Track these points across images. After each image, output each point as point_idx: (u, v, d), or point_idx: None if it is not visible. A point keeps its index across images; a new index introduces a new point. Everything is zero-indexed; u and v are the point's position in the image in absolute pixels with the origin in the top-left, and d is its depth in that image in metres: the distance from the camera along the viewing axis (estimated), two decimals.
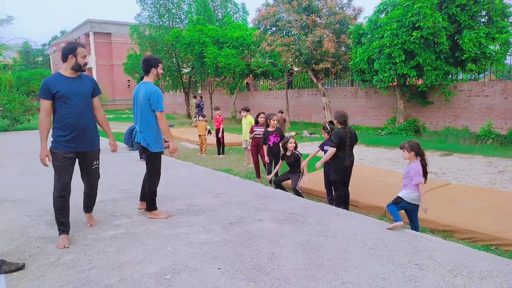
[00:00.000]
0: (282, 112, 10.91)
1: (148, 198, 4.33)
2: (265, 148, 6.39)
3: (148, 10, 23.93)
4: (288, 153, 5.80)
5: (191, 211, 4.58)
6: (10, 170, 7.37)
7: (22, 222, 4.25)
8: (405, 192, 4.03)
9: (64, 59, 3.60)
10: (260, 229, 3.93)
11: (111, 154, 9.28)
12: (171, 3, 24.02)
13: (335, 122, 5.05)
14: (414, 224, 4.24)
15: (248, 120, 8.28)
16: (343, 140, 4.82)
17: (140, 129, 4.24)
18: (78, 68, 3.62)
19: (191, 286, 2.76)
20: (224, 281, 2.83)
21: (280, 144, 6.11)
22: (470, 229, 4.22)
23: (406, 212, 4.19)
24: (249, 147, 8.29)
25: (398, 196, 4.05)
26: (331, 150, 4.87)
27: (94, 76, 39.07)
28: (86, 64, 3.76)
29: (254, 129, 7.11)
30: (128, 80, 36.65)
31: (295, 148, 5.83)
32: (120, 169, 7.37)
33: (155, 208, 4.36)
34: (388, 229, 3.85)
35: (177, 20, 24.85)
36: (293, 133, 13.84)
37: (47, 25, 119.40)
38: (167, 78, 25.39)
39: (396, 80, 12.69)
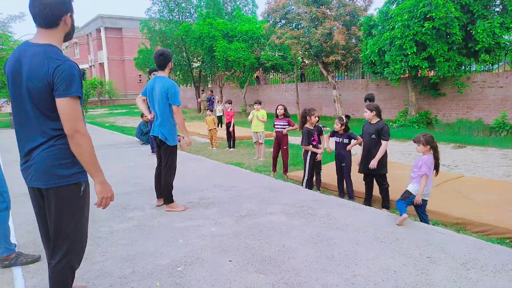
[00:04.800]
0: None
1: (165, 191, 4.38)
2: (310, 148, 5.55)
3: (158, 4, 23.95)
4: (311, 127, 5.68)
5: (202, 204, 4.62)
6: None
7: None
8: (413, 186, 4.00)
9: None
10: (270, 222, 3.95)
11: (123, 148, 9.39)
12: None
13: (372, 114, 4.89)
14: (422, 217, 4.21)
15: (260, 113, 8.28)
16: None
17: (158, 123, 4.27)
18: None
19: (203, 278, 2.79)
20: (235, 273, 2.86)
21: (300, 115, 5.73)
22: (484, 222, 4.17)
23: (414, 206, 4.16)
24: (260, 140, 8.30)
25: (407, 191, 4.02)
26: (386, 145, 4.80)
27: (106, 71, 39.47)
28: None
29: (275, 123, 7.08)
30: (140, 75, 36.92)
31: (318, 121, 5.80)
32: (132, 163, 7.46)
33: (172, 201, 4.42)
34: (397, 224, 3.82)
35: (187, 14, 24.84)
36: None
37: None
38: (178, 73, 25.47)
39: (407, 72, 12.51)
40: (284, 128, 6.91)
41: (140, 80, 38.45)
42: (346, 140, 5.53)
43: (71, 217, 2.05)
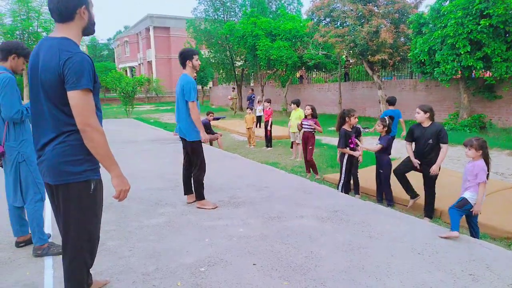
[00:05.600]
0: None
1: (196, 187, 4.39)
2: (347, 150, 5.34)
3: (204, 4, 24.37)
4: (349, 128, 5.45)
5: (232, 203, 4.56)
6: None
7: None
8: (471, 194, 3.66)
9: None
10: (300, 226, 3.80)
11: (163, 144, 9.59)
12: None
13: (427, 116, 4.59)
14: (474, 229, 3.87)
15: (298, 114, 8.11)
16: None
17: (177, 119, 4.35)
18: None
19: (224, 281, 2.72)
20: (258, 277, 2.76)
21: (339, 116, 5.49)
22: None
23: (466, 216, 3.82)
24: (297, 141, 8.14)
25: (464, 198, 3.67)
26: (447, 148, 4.53)
27: (154, 70, 40.85)
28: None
29: (303, 122, 6.93)
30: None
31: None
32: (170, 158, 7.59)
33: (203, 198, 4.42)
34: (440, 237, 3.52)
35: (232, 13, 25.05)
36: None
37: (112, 21, 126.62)
38: (221, 71, 25.78)
39: (460, 72, 11.74)
40: (311, 128, 6.74)
41: None
42: (379, 142, 5.27)
43: (81, 215, 2.03)
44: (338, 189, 5.39)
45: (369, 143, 6.96)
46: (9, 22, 16.88)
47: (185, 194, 4.58)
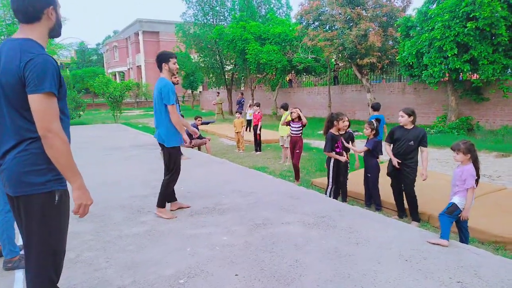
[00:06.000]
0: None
1: (161, 193, 4.23)
2: (333, 155, 5.21)
3: (193, 8, 24.30)
4: (342, 132, 5.40)
5: (217, 210, 4.44)
6: None
7: None
8: (460, 199, 3.58)
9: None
10: (286, 232, 3.70)
11: (150, 149, 9.41)
12: (215, 0, 24.19)
13: (410, 120, 4.59)
14: (464, 234, 3.80)
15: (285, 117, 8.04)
16: None
17: (156, 124, 4.21)
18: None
19: None
20: None
21: (327, 119, 5.37)
22: None
23: (456, 220, 3.75)
24: (285, 145, 8.06)
25: (454, 204, 3.59)
26: (427, 152, 4.57)
27: (143, 74, 40.54)
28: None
29: (291, 126, 6.83)
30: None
31: (348, 126, 5.49)
32: (155, 165, 7.42)
33: (164, 206, 4.26)
34: (428, 242, 3.44)
35: (221, 17, 25.01)
36: None
37: (100, 26, 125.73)
38: (211, 75, 25.69)
39: (447, 75, 11.81)
40: (299, 131, 6.68)
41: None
42: (371, 147, 5.20)
43: (44, 229, 1.88)
44: (326, 194, 5.30)
45: (358, 146, 6.88)
46: None
47: (168, 202, 4.44)
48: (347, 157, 5.48)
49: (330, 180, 5.30)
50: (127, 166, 7.40)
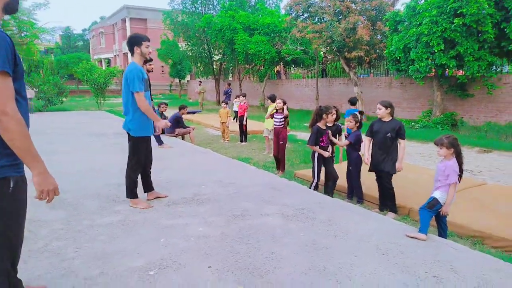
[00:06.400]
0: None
1: (126, 184, 4.06)
2: (316, 148, 5.07)
3: None
4: (330, 124, 5.28)
5: (196, 201, 4.34)
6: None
7: None
8: (441, 193, 3.55)
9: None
10: (264, 224, 3.62)
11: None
12: None
13: (388, 111, 4.61)
14: (442, 229, 3.78)
15: (272, 108, 7.95)
16: None
17: (124, 112, 4.00)
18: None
19: (174, 285, 2.50)
20: (211, 282, 2.55)
21: (315, 112, 5.17)
22: (504, 236, 3.73)
23: (436, 216, 3.73)
24: (270, 136, 7.98)
25: (434, 198, 3.55)
26: (404, 144, 4.61)
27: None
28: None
29: (274, 116, 6.74)
30: (162, 66, 37.04)
31: (337, 119, 5.40)
32: None
33: (136, 196, 4.10)
34: (407, 236, 3.41)
35: (210, 6, 24.63)
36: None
37: (87, 11, 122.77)
38: (198, 65, 25.38)
39: (433, 70, 11.85)
40: (281, 123, 6.59)
41: (163, 71, 38.58)
42: (353, 140, 5.15)
43: None
44: (310, 188, 5.20)
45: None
46: None
47: (144, 192, 4.31)
48: (333, 150, 5.42)
49: (315, 174, 5.17)
50: (107, 153, 7.21)
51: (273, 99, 8.11)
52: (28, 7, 17.50)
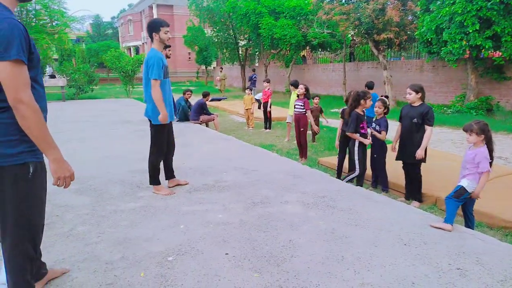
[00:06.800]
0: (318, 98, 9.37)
1: (149, 170, 4.13)
2: (356, 136, 4.72)
3: None
4: (362, 112, 4.90)
5: (217, 187, 4.36)
6: (62, 136, 7.68)
7: (51, 188, 4.24)
8: (469, 182, 3.39)
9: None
10: (283, 212, 3.60)
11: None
12: None
13: (418, 96, 4.40)
14: (469, 219, 3.63)
15: (295, 95, 7.84)
16: None
17: (144, 99, 4.05)
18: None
19: (191, 271, 2.53)
20: (227, 268, 2.57)
21: (352, 98, 4.81)
22: None
23: (462, 205, 3.58)
24: (288, 121, 7.91)
25: (462, 187, 3.39)
26: (431, 131, 4.37)
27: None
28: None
29: (295, 102, 6.63)
30: (189, 53, 37.25)
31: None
32: None
33: (158, 183, 4.17)
34: (431, 226, 3.29)
35: None
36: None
37: None
38: (224, 51, 25.30)
39: (468, 52, 11.26)
40: (302, 109, 6.45)
41: (189, 57, 38.80)
42: (378, 128, 4.97)
43: (18, 202, 1.83)
44: (346, 179, 4.83)
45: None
46: None
47: (166, 179, 4.37)
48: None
49: (358, 165, 4.74)
50: (132, 140, 7.37)
51: (296, 85, 7.99)
52: None
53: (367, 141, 4.79)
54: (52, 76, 24.99)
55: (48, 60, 21.22)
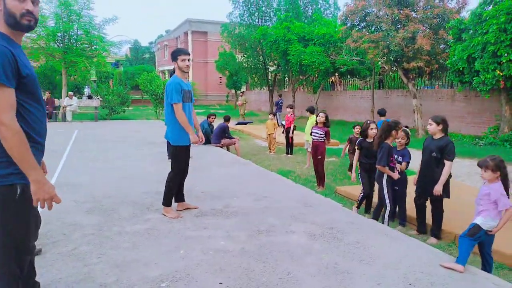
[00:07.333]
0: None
1: (164, 191, 4.21)
2: (387, 170, 4.42)
3: (239, 8, 24.45)
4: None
5: (224, 213, 4.33)
6: (89, 155, 7.95)
7: (65, 206, 4.35)
8: (484, 219, 3.19)
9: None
10: (287, 242, 3.51)
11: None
12: (262, 1, 24.18)
13: (439, 128, 4.18)
14: (487, 261, 3.39)
15: (311, 121, 7.80)
16: None
17: (165, 122, 4.25)
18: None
19: None
20: None
21: (382, 128, 4.56)
22: None
23: (478, 244, 3.36)
24: (309, 149, 7.81)
25: (476, 225, 3.20)
26: (450, 166, 4.11)
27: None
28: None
29: (313, 130, 6.57)
30: (220, 77, 38.13)
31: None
32: None
33: (169, 205, 4.22)
34: (441, 266, 3.09)
35: (267, 18, 24.93)
36: None
37: (154, 25, 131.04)
38: (253, 76, 25.72)
39: (502, 82, 10.84)
40: (321, 137, 6.36)
41: (220, 82, 39.68)
42: (400, 159, 4.81)
43: (5, 222, 1.88)
44: (381, 220, 4.56)
45: None
46: (51, 25, 17.73)
47: (175, 201, 4.40)
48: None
49: (387, 200, 4.47)
50: (152, 162, 7.51)
51: (312, 110, 7.96)
52: (99, 22, 19.00)
53: (396, 175, 4.49)
54: (90, 97, 26.22)
55: (87, 82, 22.32)
